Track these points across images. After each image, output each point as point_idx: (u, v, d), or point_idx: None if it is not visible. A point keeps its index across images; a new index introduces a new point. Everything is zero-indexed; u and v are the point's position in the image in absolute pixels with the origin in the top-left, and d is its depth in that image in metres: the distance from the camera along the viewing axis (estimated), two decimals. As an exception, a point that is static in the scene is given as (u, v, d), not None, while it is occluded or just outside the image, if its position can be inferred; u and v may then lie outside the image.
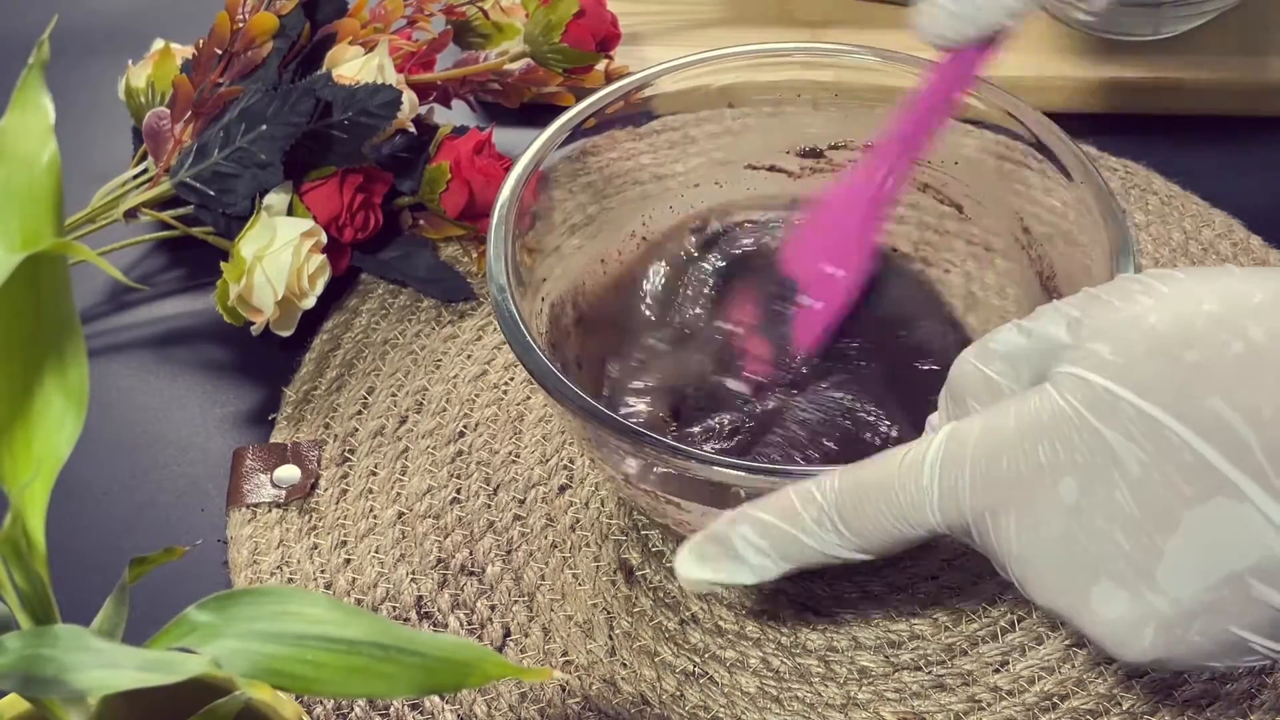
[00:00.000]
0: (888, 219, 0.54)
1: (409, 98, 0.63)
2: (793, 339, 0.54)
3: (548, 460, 0.58)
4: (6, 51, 0.62)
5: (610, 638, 0.52)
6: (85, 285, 0.66)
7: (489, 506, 0.56)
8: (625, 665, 0.51)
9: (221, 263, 0.60)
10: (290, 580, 0.54)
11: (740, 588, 0.53)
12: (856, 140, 0.58)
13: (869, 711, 0.50)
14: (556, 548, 0.55)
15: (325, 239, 0.61)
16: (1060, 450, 0.36)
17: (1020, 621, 0.53)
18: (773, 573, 0.40)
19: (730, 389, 0.54)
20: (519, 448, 0.58)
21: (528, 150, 0.54)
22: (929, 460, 0.38)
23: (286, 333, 0.61)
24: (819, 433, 0.52)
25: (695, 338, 0.56)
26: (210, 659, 0.31)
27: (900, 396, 0.53)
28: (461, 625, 0.53)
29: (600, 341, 0.56)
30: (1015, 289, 0.56)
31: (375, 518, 0.56)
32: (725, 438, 0.53)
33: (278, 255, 0.59)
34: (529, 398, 0.60)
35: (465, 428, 0.59)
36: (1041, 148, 0.53)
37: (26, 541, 0.33)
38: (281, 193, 0.61)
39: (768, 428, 0.53)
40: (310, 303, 0.61)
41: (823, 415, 0.53)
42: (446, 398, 0.60)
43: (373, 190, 0.63)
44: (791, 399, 0.53)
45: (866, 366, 0.54)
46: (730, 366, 0.54)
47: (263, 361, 0.62)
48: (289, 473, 0.57)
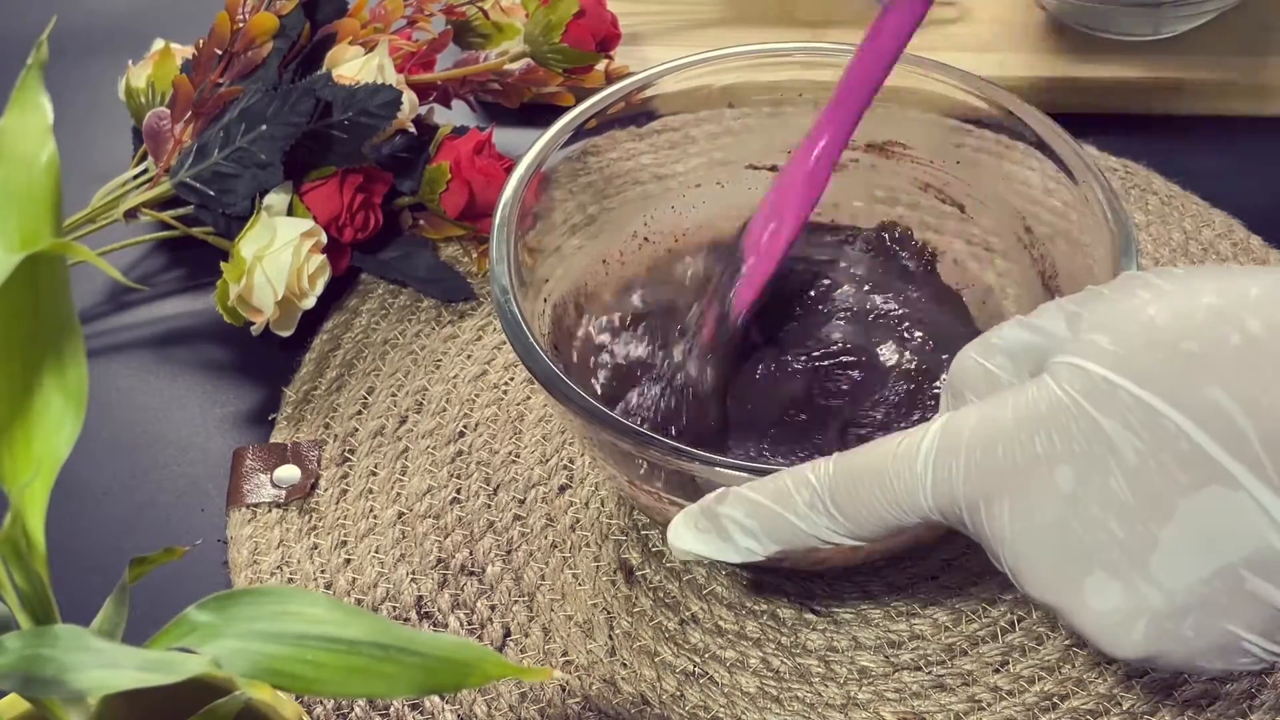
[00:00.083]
0: (828, 177, 0.52)
1: (409, 98, 0.63)
2: (735, 302, 0.53)
3: (548, 460, 0.58)
4: (6, 52, 0.62)
5: (610, 638, 0.52)
6: (85, 285, 0.66)
7: (489, 506, 0.56)
8: (625, 665, 0.51)
9: (221, 263, 0.60)
10: (290, 580, 0.54)
11: (729, 565, 0.53)
12: (859, 140, 0.58)
13: (869, 711, 0.50)
14: (556, 548, 0.55)
15: (325, 239, 0.61)
16: (1057, 439, 0.36)
17: (1020, 621, 0.53)
18: (759, 554, 0.41)
19: (732, 386, 0.54)
20: (519, 448, 0.58)
21: (530, 150, 0.54)
22: (924, 447, 0.38)
23: (286, 333, 0.61)
24: (823, 435, 0.52)
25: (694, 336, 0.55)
26: (210, 659, 0.31)
27: (916, 403, 0.53)
28: (461, 625, 0.53)
29: (602, 343, 0.56)
30: (1016, 289, 0.56)
31: (375, 518, 0.56)
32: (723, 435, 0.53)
33: (278, 255, 0.59)
34: (529, 398, 0.60)
35: (465, 428, 0.59)
36: (1043, 147, 0.53)
37: (26, 541, 0.33)
38: (281, 193, 0.61)
39: (766, 425, 0.53)
40: (310, 303, 0.61)
41: (826, 416, 0.53)
42: (446, 398, 0.60)
43: (373, 190, 0.63)
44: (796, 401, 0.53)
45: (876, 369, 0.54)
46: (731, 364, 0.54)
47: (263, 361, 0.62)
48: (289, 473, 0.57)
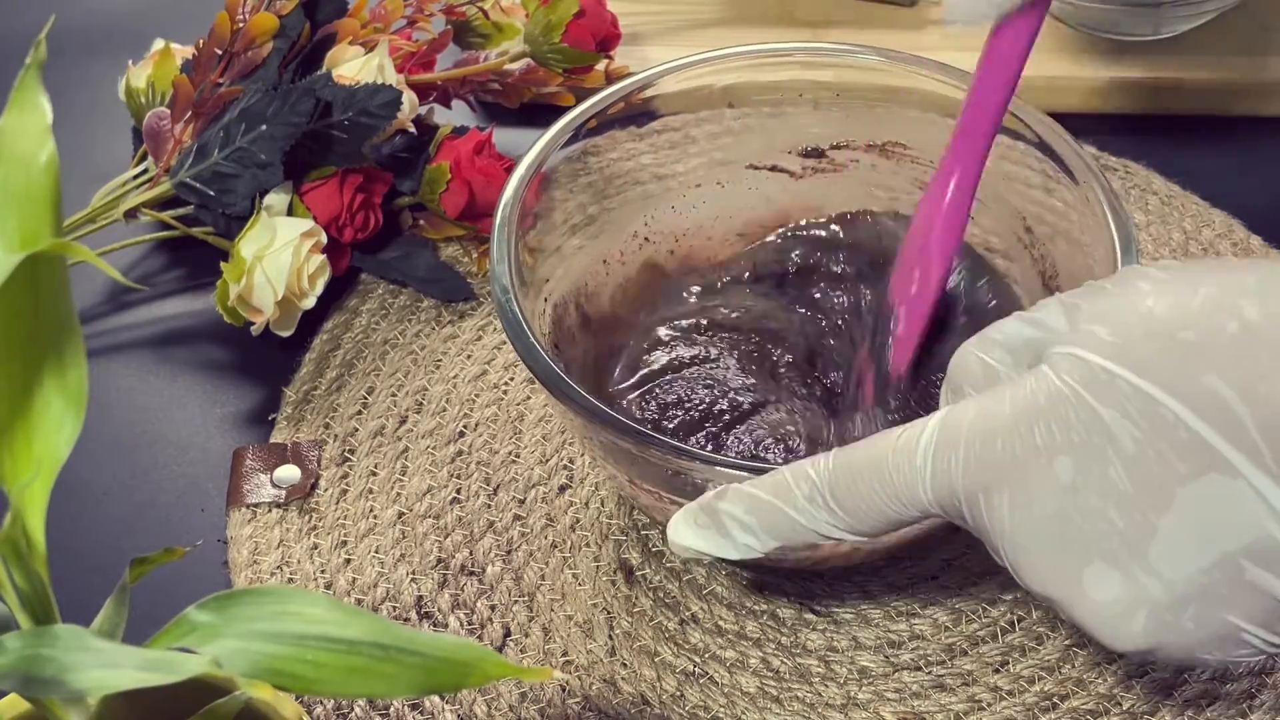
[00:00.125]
0: (968, 213, 0.50)
1: (409, 98, 0.63)
2: (893, 358, 0.52)
3: (548, 460, 0.58)
4: (5, 51, 0.62)
5: (610, 638, 0.52)
6: (85, 285, 0.66)
7: (489, 506, 0.56)
8: (625, 665, 0.51)
9: (221, 263, 0.60)
10: (290, 580, 0.54)
11: (729, 565, 0.53)
12: (859, 140, 0.58)
13: (869, 711, 0.50)
14: (556, 548, 0.55)
15: (325, 239, 0.61)
16: (1056, 430, 0.36)
17: (1020, 622, 0.52)
18: (758, 550, 0.41)
19: (739, 391, 0.54)
20: (519, 448, 0.58)
21: (531, 150, 0.54)
22: (923, 441, 0.38)
23: (286, 333, 0.61)
24: (826, 435, 0.52)
25: (712, 343, 0.55)
26: (210, 659, 0.31)
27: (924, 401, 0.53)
28: (461, 625, 0.53)
29: (606, 342, 0.56)
30: (1017, 288, 0.56)
31: (375, 518, 0.56)
32: (730, 436, 0.53)
33: (278, 255, 0.59)
34: (529, 398, 0.60)
35: (465, 428, 0.59)
36: (1044, 147, 0.53)
37: (26, 541, 0.33)
38: (281, 193, 0.61)
39: (775, 427, 0.53)
40: (310, 303, 0.61)
41: (829, 417, 0.53)
42: (446, 398, 0.60)
43: (373, 190, 0.63)
44: (798, 401, 0.53)
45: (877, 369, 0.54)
46: (740, 373, 0.54)
47: (263, 361, 0.62)
48: (289, 473, 0.57)
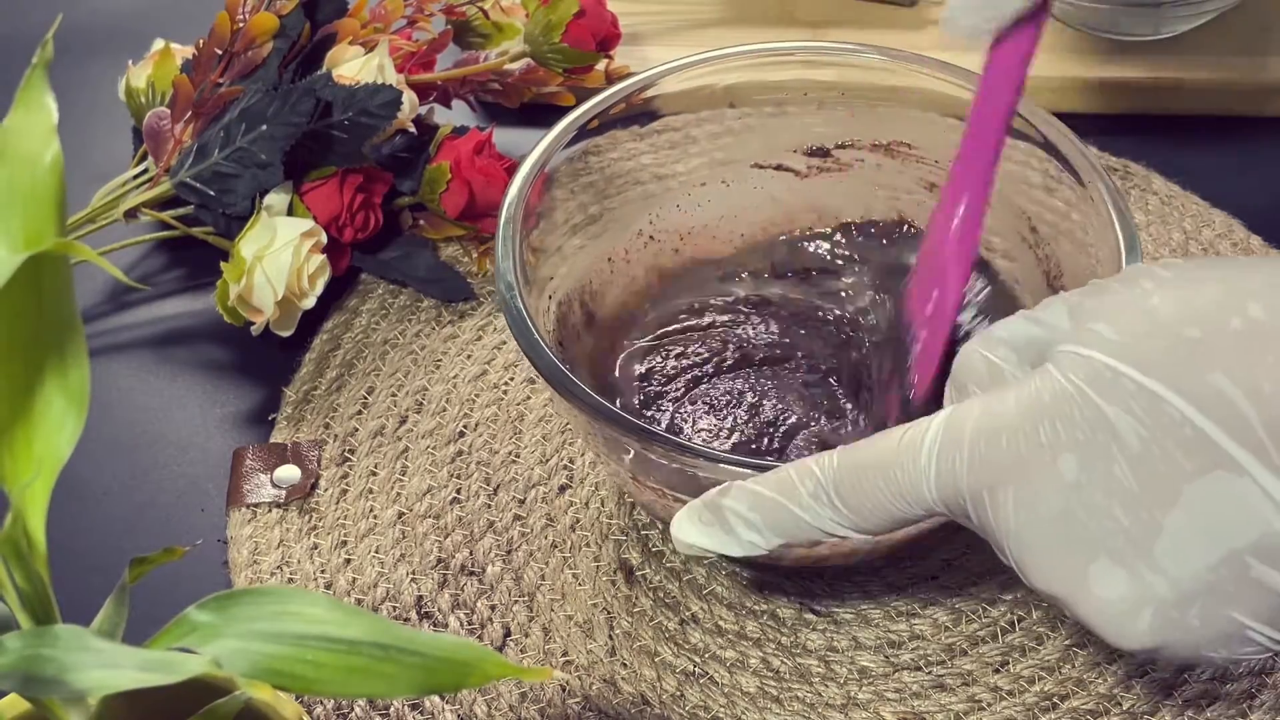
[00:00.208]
0: (978, 233, 0.49)
1: (409, 98, 0.63)
2: (914, 381, 0.50)
3: (548, 460, 0.58)
4: (9, 51, 0.62)
5: (610, 638, 0.52)
6: (85, 285, 0.66)
7: (489, 506, 0.56)
8: (625, 665, 0.51)
9: (221, 263, 0.60)
10: (290, 580, 0.54)
11: (730, 564, 0.53)
12: (862, 139, 0.58)
13: (869, 711, 0.50)
14: (556, 548, 0.55)
15: (325, 239, 0.61)
16: (1060, 428, 0.36)
17: (1020, 621, 0.52)
18: (761, 547, 0.41)
19: (745, 389, 0.54)
20: (519, 448, 0.58)
21: (534, 150, 0.54)
22: (928, 439, 0.38)
23: (286, 333, 0.61)
24: (827, 435, 0.52)
25: (718, 344, 0.55)
26: (210, 659, 0.31)
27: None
28: (461, 625, 0.53)
29: (610, 340, 0.56)
30: (1019, 288, 0.56)
31: (375, 518, 0.56)
32: (733, 435, 0.53)
33: (278, 255, 0.59)
34: (529, 398, 0.60)
35: (465, 428, 0.59)
36: (1049, 147, 0.53)
37: (27, 541, 0.33)
38: (281, 193, 0.61)
39: (776, 426, 0.53)
40: (310, 303, 0.61)
41: (837, 414, 0.53)
42: (446, 398, 0.60)
43: (373, 190, 0.63)
44: (806, 400, 0.53)
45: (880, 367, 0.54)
46: (745, 372, 0.54)
47: (263, 361, 0.62)
48: (289, 473, 0.57)
